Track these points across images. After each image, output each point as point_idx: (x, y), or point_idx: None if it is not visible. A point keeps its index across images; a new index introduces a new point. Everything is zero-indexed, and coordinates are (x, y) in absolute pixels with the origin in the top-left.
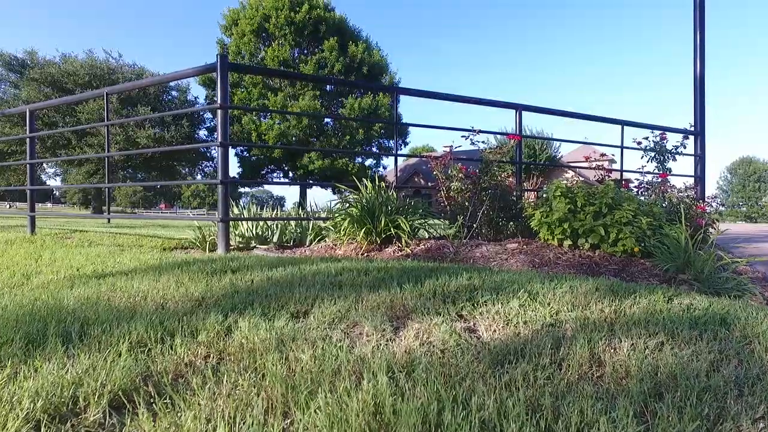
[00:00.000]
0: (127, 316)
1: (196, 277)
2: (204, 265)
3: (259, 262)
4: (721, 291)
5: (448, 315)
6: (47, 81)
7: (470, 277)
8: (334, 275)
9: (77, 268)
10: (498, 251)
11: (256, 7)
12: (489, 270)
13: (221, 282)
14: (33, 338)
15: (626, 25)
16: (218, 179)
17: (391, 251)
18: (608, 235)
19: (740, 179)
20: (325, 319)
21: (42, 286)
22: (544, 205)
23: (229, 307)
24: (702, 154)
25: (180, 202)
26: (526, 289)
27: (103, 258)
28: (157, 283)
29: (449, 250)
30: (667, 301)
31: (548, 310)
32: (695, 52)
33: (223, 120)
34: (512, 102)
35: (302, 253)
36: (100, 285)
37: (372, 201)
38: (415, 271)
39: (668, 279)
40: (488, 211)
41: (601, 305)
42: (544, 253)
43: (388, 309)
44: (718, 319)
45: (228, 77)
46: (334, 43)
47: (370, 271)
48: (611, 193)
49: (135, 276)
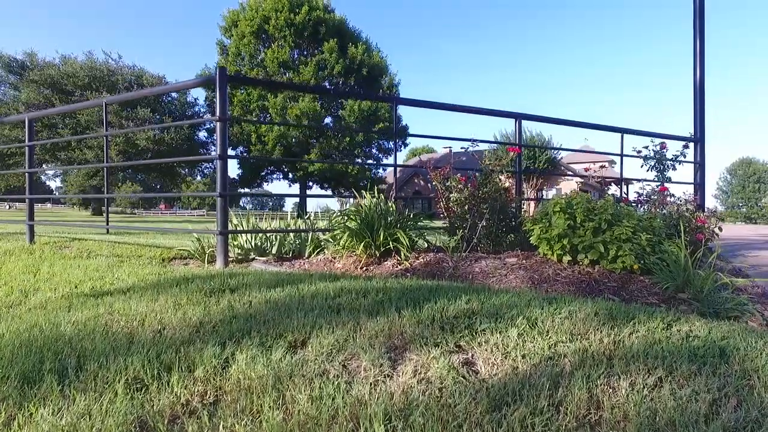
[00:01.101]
0: (124, 346)
1: (194, 297)
2: (203, 282)
3: (258, 280)
4: (721, 311)
5: (446, 346)
6: (47, 83)
7: (469, 300)
8: (332, 297)
9: (75, 284)
10: (497, 266)
11: (255, 9)
12: (487, 291)
13: (219, 305)
14: (29, 376)
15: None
16: (217, 192)
17: (390, 264)
18: (608, 251)
19: (740, 180)
20: (323, 350)
21: (40, 306)
22: (543, 219)
23: (227, 335)
24: (702, 162)
25: (180, 203)
26: (524, 316)
27: (101, 272)
28: (155, 304)
29: (448, 265)
30: (666, 328)
31: (547, 342)
32: (695, 59)
33: (222, 133)
34: (512, 111)
35: (301, 266)
36: (98, 306)
37: (371, 213)
38: (413, 293)
39: (668, 298)
40: (488, 223)
41: (599, 335)
42: (543, 269)
43: (386, 338)
44: (717, 351)
45: (227, 89)
46: (333, 45)
47: (369, 293)
48: (611, 209)
49: (133, 295)
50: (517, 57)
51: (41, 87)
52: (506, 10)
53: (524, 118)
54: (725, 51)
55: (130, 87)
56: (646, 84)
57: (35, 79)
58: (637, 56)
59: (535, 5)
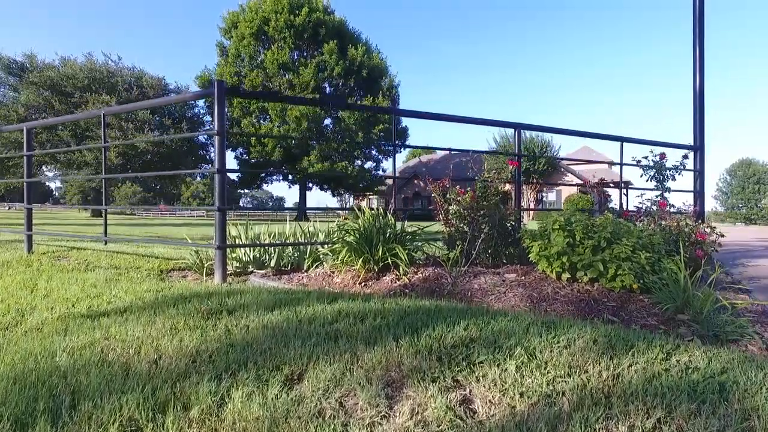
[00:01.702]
0: (120, 380)
1: (191, 321)
2: (200, 302)
3: (255, 300)
4: (721, 334)
5: (443, 381)
6: (46, 84)
7: (467, 326)
8: (330, 322)
9: (72, 302)
10: (496, 283)
11: (255, 10)
12: (486, 314)
13: (216, 330)
14: (21, 418)
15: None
16: (215, 206)
17: (388, 280)
18: (607, 270)
19: (740, 181)
20: (320, 386)
21: (36, 328)
22: (542, 236)
23: (223, 366)
24: (701, 170)
25: (180, 203)
26: (523, 345)
27: (99, 288)
28: (152, 328)
29: (447, 281)
30: (666, 358)
31: (545, 378)
32: (695, 67)
33: (220, 146)
34: (512, 122)
35: (300, 280)
36: (94, 330)
37: (369, 228)
38: (411, 317)
39: (667, 319)
40: (487, 236)
41: (598, 367)
42: (542, 287)
43: (383, 370)
44: (717, 387)
45: (225, 102)
46: (333, 47)
47: (367, 317)
48: (610, 227)
49: (130, 316)
50: (516, 58)
51: (41, 89)
52: (506, 11)
53: (524, 128)
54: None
55: (130, 88)
56: (646, 85)
57: (35, 81)
58: (636, 57)
59: (535, 6)
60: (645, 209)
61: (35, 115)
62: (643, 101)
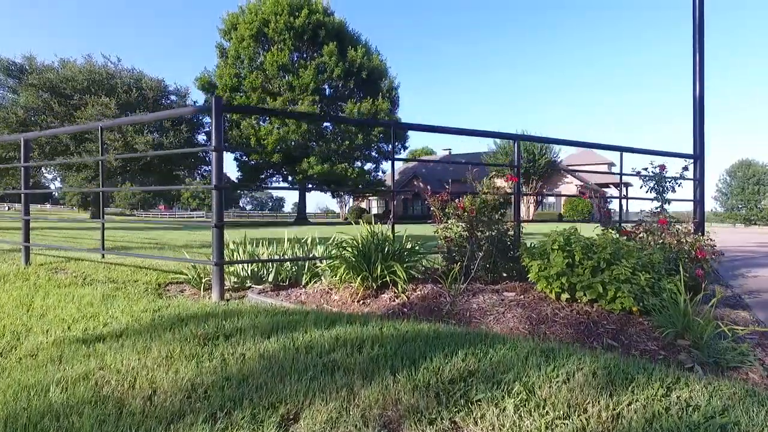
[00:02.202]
0: (113, 421)
1: (187, 348)
2: (197, 325)
3: (253, 323)
4: (722, 361)
5: (441, 423)
6: (45, 86)
7: (465, 356)
8: (327, 351)
9: (68, 324)
10: (495, 302)
11: (255, 12)
12: (484, 341)
13: (213, 361)
14: None
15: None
16: (213, 222)
17: (387, 298)
18: (606, 292)
19: (739, 182)
20: (316, 428)
21: (30, 355)
22: (541, 255)
23: (218, 404)
24: (701, 179)
25: (179, 204)
26: (521, 381)
27: (95, 308)
28: (147, 358)
29: (445, 300)
30: (666, 394)
31: (544, 420)
32: (694, 75)
33: (218, 163)
34: (511, 133)
35: (297, 297)
36: (89, 359)
37: (368, 245)
38: (409, 344)
39: (667, 344)
40: (485, 253)
41: (598, 406)
42: (541, 308)
43: (380, 409)
44: (718, 429)
45: (222, 118)
46: (333, 48)
47: (365, 345)
48: (609, 248)
49: (126, 341)
50: (516, 58)
51: (40, 91)
52: (506, 12)
53: (523, 139)
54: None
55: (129, 90)
56: (646, 85)
57: (34, 83)
58: (636, 57)
59: (535, 7)
60: (645, 226)
61: (34, 117)
62: (642, 101)
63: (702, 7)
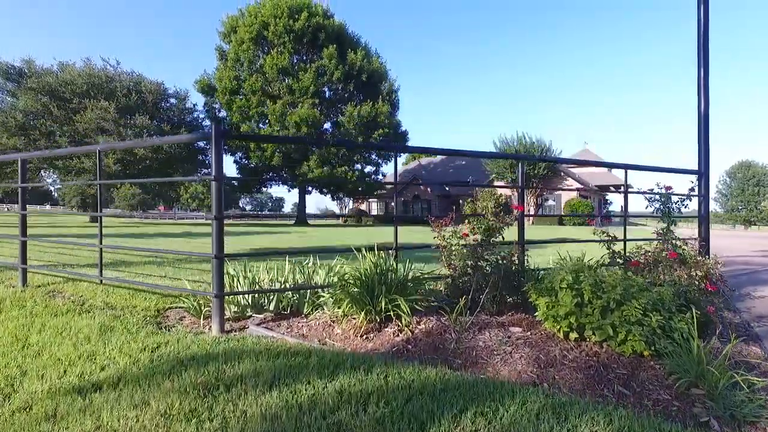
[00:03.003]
0: None
1: (186, 401)
2: (197, 369)
3: (254, 368)
4: (737, 414)
5: None
6: (45, 90)
7: (474, 417)
8: (332, 410)
9: (64, 367)
10: (501, 340)
11: (254, 15)
12: (493, 395)
13: (213, 421)
14: None
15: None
16: (212, 253)
17: (390, 333)
18: (616, 334)
19: (739, 183)
20: None
21: (24, 409)
22: (548, 292)
23: None
24: (706, 195)
25: (179, 204)
26: None
27: (92, 344)
28: (145, 415)
29: (451, 337)
30: None
31: None
32: (699, 89)
33: (218, 193)
34: (515, 154)
35: (299, 330)
36: (85, 417)
37: (371, 275)
38: (416, 400)
39: (681, 394)
40: (492, 287)
41: None
42: (549, 348)
43: None
44: None
45: (222, 145)
46: (333, 51)
47: (370, 401)
48: (620, 287)
49: (123, 391)
50: (516, 58)
51: (39, 94)
52: (506, 12)
53: (526, 159)
54: (724, 53)
55: (129, 94)
56: (646, 85)
57: (33, 87)
58: (636, 58)
59: (535, 7)
60: (653, 255)
61: (33, 121)
62: (642, 101)
63: (707, 22)
